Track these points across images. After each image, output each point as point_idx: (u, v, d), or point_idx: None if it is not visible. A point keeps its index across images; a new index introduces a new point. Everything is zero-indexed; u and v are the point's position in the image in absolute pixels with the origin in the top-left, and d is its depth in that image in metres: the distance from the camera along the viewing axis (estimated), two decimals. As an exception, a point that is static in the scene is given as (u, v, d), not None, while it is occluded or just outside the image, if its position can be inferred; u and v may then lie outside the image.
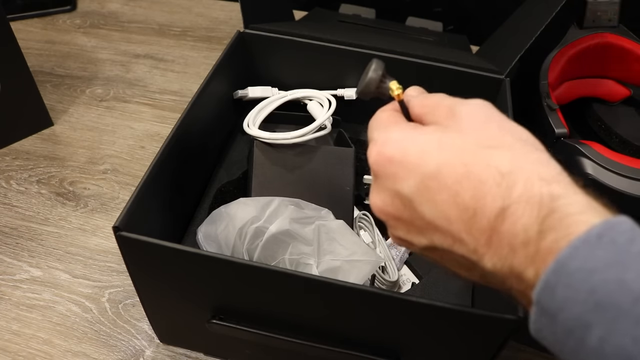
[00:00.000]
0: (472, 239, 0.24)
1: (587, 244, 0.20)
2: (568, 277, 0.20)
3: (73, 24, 0.89)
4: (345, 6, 0.84)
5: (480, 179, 0.24)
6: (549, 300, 0.21)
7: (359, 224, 0.54)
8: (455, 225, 0.25)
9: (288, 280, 0.36)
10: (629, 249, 0.20)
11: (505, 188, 0.23)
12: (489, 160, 0.24)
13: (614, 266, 0.20)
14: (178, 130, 0.46)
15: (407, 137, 0.27)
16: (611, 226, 0.21)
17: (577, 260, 0.20)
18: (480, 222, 0.24)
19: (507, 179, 0.24)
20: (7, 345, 0.48)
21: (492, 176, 0.24)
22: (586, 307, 0.20)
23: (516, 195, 0.23)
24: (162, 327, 0.47)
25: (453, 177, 0.25)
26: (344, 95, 0.60)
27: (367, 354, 0.39)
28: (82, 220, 0.59)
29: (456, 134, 0.26)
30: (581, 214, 0.22)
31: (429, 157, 0.26)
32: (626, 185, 0.53)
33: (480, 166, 0.24)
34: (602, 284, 0.20)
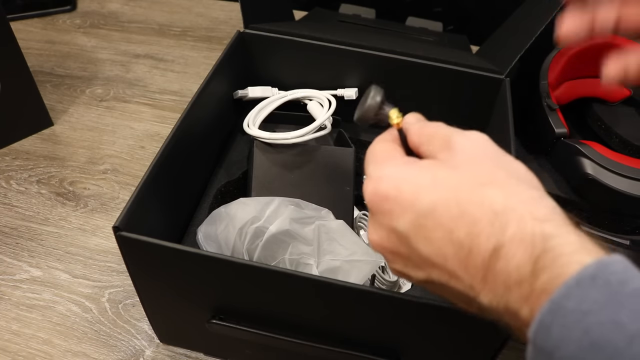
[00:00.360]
0: (468, 275, 0.25)
1: (580, 284, 0.21)
2: (563, 317, 0.21)
3: (73, 24, 0.89)
4: (345, 6, 0.84)
5: (474, 217, 0.24)
6: (545, 339, 0.21)
7: (359, 224, 0.54)
8: (451, 262, 0.25)
9: (288, 280, 0.36)
10: (622, 290, 0.20)
11: (498, 227, 0.24)
12: (483, 198, 0.25)
13: (607, 307, 0.20)
14: (178, 130, 0.46)
15: (402, 174, 0.27)
16: (604, 266, 0.21)
17: (571, 300, 0.21)
18: (475, 260, 0.24)
19: (500, 218, 0.24)
20: (7, 345, 0.48)
21: (486, 215, 0.24)
22: (581, 346, 0.20)
23: (509, 234, 0.23)
24: (162, 327, 0.47)
25: (447, 215, 0.25)
26: (344, 95, 0.60)
27: (367, 354, 0.39)
28: (82, 220, 0.59)
29: (450, 171, 0.26)
30: (574, 254, 0.22)
31: (423, 195, 0.26)
32: (626, 185, 0.53)
33: (474, 205, 0.25)
34: (597, 325, 0.20)
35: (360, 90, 0.61)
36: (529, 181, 0.26)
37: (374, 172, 0.29)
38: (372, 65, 0.58)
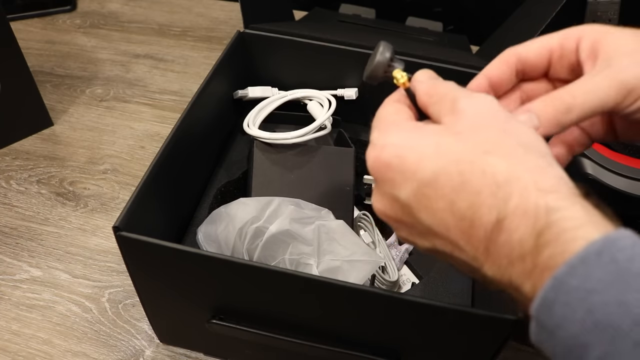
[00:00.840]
0: (470, 247, 0.24)
1: (585, 261, 0.20)
2: (566, 295, 0.20)
3: (73, 24, 0.89)
4: (345, 6, 0.84)
5: (475, 188, 0.24)
6: (547, 317, 0.21)
7: (359, 224, 0.54)
8: (454, 233, 0.25)
9: (288, 280, 0.36)
10: (630, 268, 0.20)
11: (501, 199, 0.23)
12: (485, 167, 0.24)
13: (613, 286, 0.19)
14: (178, 130, 0.46)
15: (405, 142, 0.26)
16: (611, 242, 0.20)
17: (575, 278, 0.20)
18: (477, 232, 0.24)
19: (503, 189, 0.23)
20: (7, 345, 0.48)
21: (488, 186, 0.23)
22: (584, 326, 0.20)
23: (512, 206, 0.23)
24: (162, 327, 0.47)
25: (449, 185, 0.24)
26: (344, 95, 0.60)
27: (367, 354, 0.39)
28: (82, 220, 0.59)
29: (454, 138, 0.25)
30: (579, 228, 0.21)
31: (425, 164, 0.25)
32: (626, 185, 0.53)
33: (476, 175, 0.24)
34: (601, 304, 0.19)
35: (360, 91, 0.61)
36: (537, 148, 0.25)
37: (378, 139, 0.27)
38: (372, 65, 0.58)
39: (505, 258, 0.23)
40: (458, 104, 0.26)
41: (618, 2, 0.61)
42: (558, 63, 0.30)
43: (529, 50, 0.31)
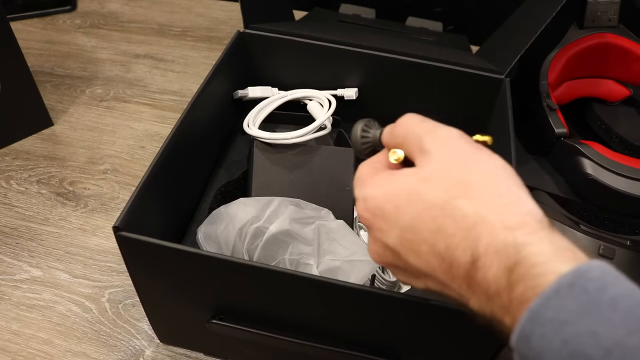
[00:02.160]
0: (456, 285, 0.26)
1: (558, 294, 0.21)
2: (542, 327, 0.21)
3: (73, 24, 0.89)
4: (345, 6, 0.84)
5: (449, 232, 0.25)
6: (526, 349, 0.22)
7: (359, 224, 0.54)
8: (440, 273, 0.26)
9: (288, 280, 0.36)
10: (600, 298, 0.20)
11: (472, 240, 0.24)
12: (455, 212, 0.25)
13: (585, 317, 0.20)
14: (178, 130, 0.46)
15: (381, 192, 0.28)
16: (582, 274, 0.21)
17: (549, 310, 0.21)
18: (457, 272, 0.25)
19: (473, 231, 0.24)
20: (7, 345, 0.48)
21: (460, 229, 0.25)
22: (560, 357, 0.20)
23: (483, 246, 0.24)
24: (162, 327, 0.47)
25: (427, 229, 0.26)
26: (344, 95, 0.60)
27: (367, 354, 0.39)
28: (82, 220, 0.59)
29: (423, 185, 0.26)
30: (548, 263, 0.22)
31: (402, 212, 0.27)
32: (626, 185, 0.54)
33: (448, 219, 0.25)
34: (575, 335, 0.20)
35: (360, 90, 0.61)
36: (503, 177, 0.26)
37: (359, 193, 0.30)
38: (372, 65, 0.58)
39: (484, 294, 0.24)
40: (424, 144, 0.28)
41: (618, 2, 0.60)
42: None
43: None
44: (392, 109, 0.58)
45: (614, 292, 0.20)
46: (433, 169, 0.27)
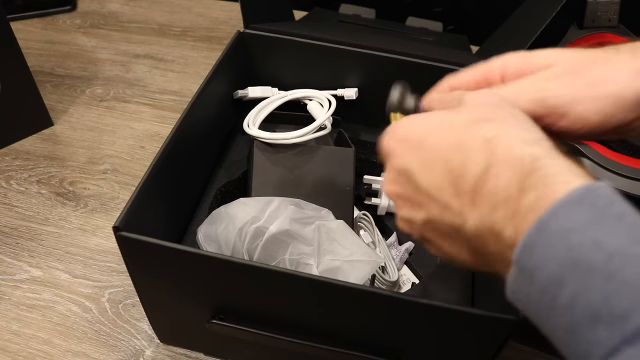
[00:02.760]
0: (458, 201, 0.26)
1: (568, 204, 0.21)
2: (548, 235, 0.21)
3: (73, 24, 0.89)
4: (345, 6, 0.84)
5: (467, 146, 0.26)
6: (528, 259, 0.22)
7: (359, 224, 0.54)
8: (446, 192, 0.27)
9: (288, 280, 0.36)
10: (608, 211, 0.21)
11: (488, 151, 0.25)
12: (478, 130, 0.27)
13: (592, 226, 0.21)
14: (178, 130, 0.46)
15: (413, 121, 0.30)
16: (592, 189, 0.22)
17: (557, 220, 0.21)
18: (465, 183, 0.26)
19: (491, 143, 0.25)
20: (7, 345, 0.48)
21: (479, 141, 0.26)
22: (562, 264, 0.21)
23: (498, 155, 0.25)
24: (162, 327, 0.47)
25: (447, 147, 0.27)
26: (344, 95, 0.60)
27: (367, 354, 0.39)
28: (82, 220, 0.59)
29: (454, 114, 0.29)
30: (562, 175, 0.23)
31: (428, 135, 0.28)
32: (626, 185, 0.54)
33: (469, 136, 0.27)
34: (579, 243, 0.21)
35: (360, 90, 0.61)
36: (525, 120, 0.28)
37: (391, 128, 0.31)
38: (372, 65, 0.58)
39: (488, 204, 0.25)
40: (463, 98, 0.30)
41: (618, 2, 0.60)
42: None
43: (460, 81, 0.34)
44: (392, 109, 0.58)
45: (621, 208, 0.21)
46: (467, 107, 0.29)
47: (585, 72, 0.29)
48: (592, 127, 0.29)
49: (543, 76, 0.30)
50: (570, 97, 0.29)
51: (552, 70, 0.30)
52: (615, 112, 0.28)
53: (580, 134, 0.30)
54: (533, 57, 0.31)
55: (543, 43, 0.54)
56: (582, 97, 0.29)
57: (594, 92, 0.28)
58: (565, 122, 0.29)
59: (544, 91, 0.29)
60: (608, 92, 0.28)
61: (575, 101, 0.29)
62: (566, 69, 0.30)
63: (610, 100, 0.28)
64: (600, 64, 0.29)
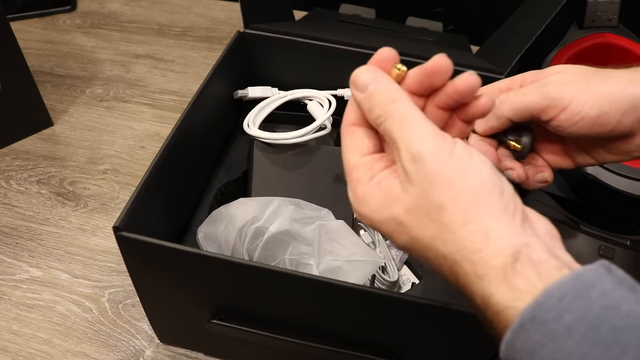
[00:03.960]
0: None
1: (523, 327, 0.23)
2: (518, 354, 0.23)
3: (73, 24, 0.89)
4: (345, 6, 0.84)
5: (434, 264, 0.27)
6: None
7: (359, 224, 0.54)
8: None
9: (288, 280, 0.36)
10: (557, 328, 0.22)
11: (454, 276, 0.26)
12: (435, 254, 0.26)
13: (547, 346, 0.22)
14: (178, 130, 0.46)
15: (373, 218, 0.29)
16: (539, 306, 0.22)
17: (519, 342, 0.23)
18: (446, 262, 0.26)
19: (453, 268, 0.26)
20: (7, 345, 0.48)
21: (443, 266, 0.26)
22: None
23: (463, 284, 0.26)
24: (162, 327, 0.47)
25: (420, 247, 0.27)
26: (344, 95, 0.60)
27: (367, 354, 0.39)
28: (82, 220, 0.59)
29: (408, 217, 0.27)
30: (510, 308, 0.23)
31: (397, 236, 0.28)
32: (626, 185, 0.54)
33: (430, 255, 0.27)
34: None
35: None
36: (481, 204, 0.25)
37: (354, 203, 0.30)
38: (372, 65, 0.58)
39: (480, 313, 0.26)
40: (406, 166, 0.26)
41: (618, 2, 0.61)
42: None
43: (488, 90, 0.37)
44: (392, 109, 0.58)
45: (569, 320, 0.21)
46: (413, 199, 0.26)
47: (587, 76, 0.33)
48: (590, 123, 0.32)
49: (551, 78, 0.34)
50: (570, 91, 0.32)
51: (559, 74, 0.34)
52: (611, 110, 0.31)
53: (579, 130, 0.32)
54: (546, 69, 0.35)
55: (543, 43, 0.55)
56: (582, 92, 0.32)
57: (592, 89, 0.32)
58: (565, 115, 0.32)
59: (548, 85, 0.33)
60: (604, 90, 0.32)
61: (575, 95, 0.32)
62: (571, 73, 0.34)
63: (606, 97, 0.31)
64: (601, 72, 0.33)
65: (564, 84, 0.33)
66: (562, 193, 0.59)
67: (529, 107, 0.33)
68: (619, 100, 0.31)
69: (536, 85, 0.34)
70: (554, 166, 0.38)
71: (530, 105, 0.33)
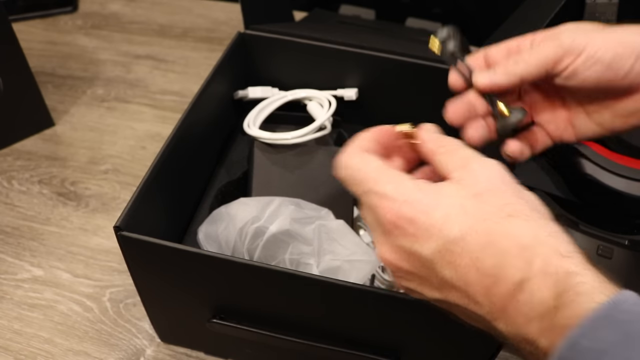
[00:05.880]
0: (488, 302, 0.25)
1: (595, 324, 0.22)
2: (580, 354, 0.22)
3: (74, 25, 0.89)
4: (345, 7, 0.84)
5: (502, 248, 0.25)
6: None
7: (358, 224, 0.54)
8: (473, 288, 0.26)
9: (288, 279, 0.36)
10: (631, 330, 0.21)
11: (526, 261, 0.24)
12: (510, 229, 0.25)
13: (619, 347, 0.21)
14: (179, 130, 0.46)
15: (430, 200, 0.27)
16: (615, 306, 0.22)
17: (587, 339, 0.22)
18: (498, 290, 0.25)
19: (528, 251, 0.25)
20: (8, 345, 0.48)
21: (514, 247, 0.25)
22: None
23: (536, 269, 0.24)
24: (162, 326, 0.47)
25: (475, 243, 0.25)
26: (344, 95, 0.60)
27: (367, 354, 0.39)
28: (84, 220, 0.59)
29: (477, 200, 0.27)
30: (591, 293, 0.23)
31: (452, 222, 0.26)
32: (625, 185, 0.54)
33: (501, 236, 0.25)
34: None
35: (360, 91, 0.61)
36: (546, 214, 0.27)
37: (396, 193, 0.28)
38: (372, 65, 0.59)
39: (522, 316, 0.24)
40: (470, 164, 0.28)
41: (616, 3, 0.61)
42: None
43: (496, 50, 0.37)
44: (392, 109, 0.59)
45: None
46: (483, 188, 0.27)
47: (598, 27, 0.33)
48: (604, 67, 0.32)
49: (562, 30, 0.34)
50: (583, 38, 0.32)
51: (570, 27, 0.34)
52: (625, 53, 0.31)
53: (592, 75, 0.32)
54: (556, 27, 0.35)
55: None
56: (594, 37, 0.32)
57: (605, 35, 0.32)
58: (580, 61, 0.32)
59: (561, 35, 0.33)
60: (617, 36, 0.32)
61: (588, 42, 0.32)
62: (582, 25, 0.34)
63: (619, 42, 0.32)
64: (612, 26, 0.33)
65: (576, 32, 0.33)
66: (561, 193, 0.59)
67: (545, 60, 0.33)
68: (633, 43, 0.31)
69: (548, 39, 0.34)
70: (555, 137, 0.37)
71: (546, 57, 0.33)
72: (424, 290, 0.29)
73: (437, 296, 0.28)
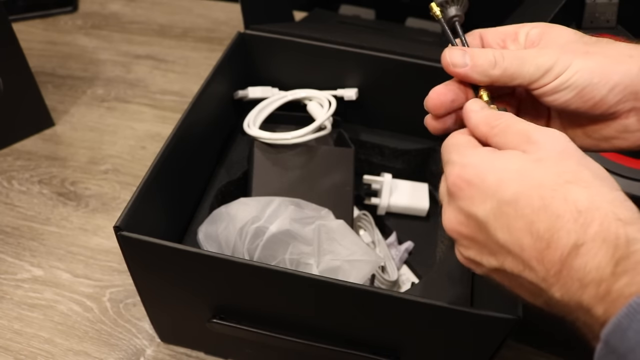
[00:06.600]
0: (542, 268, 0.25)
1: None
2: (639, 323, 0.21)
3: (74, 25, 0.89)
4: (345, 7, 0.84)
5: (557, 212, 0.25)
6: (619, 341, 0.22)
7: (358, 224, 0.54)
8: (528, 253, 0.25)
9: (288, 279, 0.36)
10: None
11: (581, 225, 0.24)
12: (567, 195, 0.25)
13: None
14: (179, 130, 0.46)
15: (487, 163, 0.28)
16: None
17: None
18: (552, 254, 0.24)
19: (584, 216, 0.24)
20: (8, 345, 0.48)
21: (570, 211, 0.24)
22: None
23: (592, 233, 0.24)
24: (162, 326, 0.47)
25: (530, 206, 0.25)
26: (344, 95, 0.60)
27: (367, 354, 0.39)
28: (84, 220, 0.59)
29: (536, 165, 0.27)
30: None
31: (506, 185, 0.26)
32: (625, 185, 0.54)
33: (557, 200, 0.25)
34: None
35: (360, 91, 0.61)
36: (612, 183, 0.26)
37: (459, 159, 0.29)
38: (372, 65, 0.59)
39: (577, 282, 0.24)
40: (532, 136, 0.28)
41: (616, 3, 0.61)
42: (512, 45, 0.36)
43: (492, 33, 0.37)
44: (392, 109, 0.59)
45: None
46: (545, 155, 0.27)
47: (587, 45, 0.32)
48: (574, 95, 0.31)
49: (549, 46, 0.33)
50: (565, 61, 0.31)
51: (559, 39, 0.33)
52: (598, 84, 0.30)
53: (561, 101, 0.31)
54: (551, 29, 0.34)
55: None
56: (576, 61, 0.31)
57: (585, 59, 0.31)
58: (553, 85, 0.31)
59: (546, 53, 0.32)
60: (596, 63, 0.31)
61: (569, 65, 0.31)
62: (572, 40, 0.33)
63: (596, 70, 0.30)
64: (603, 43, 0.32)
65: (561, 54, 0.31)
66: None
67: (520, 76, 0.32)
68: (611, 74, 0.30)
69: (533, 54, 0.32)
70: None
71: (522, 75, 0.32)
72: (483, 258, 0.28)
73: (494, 264, 0.28)
